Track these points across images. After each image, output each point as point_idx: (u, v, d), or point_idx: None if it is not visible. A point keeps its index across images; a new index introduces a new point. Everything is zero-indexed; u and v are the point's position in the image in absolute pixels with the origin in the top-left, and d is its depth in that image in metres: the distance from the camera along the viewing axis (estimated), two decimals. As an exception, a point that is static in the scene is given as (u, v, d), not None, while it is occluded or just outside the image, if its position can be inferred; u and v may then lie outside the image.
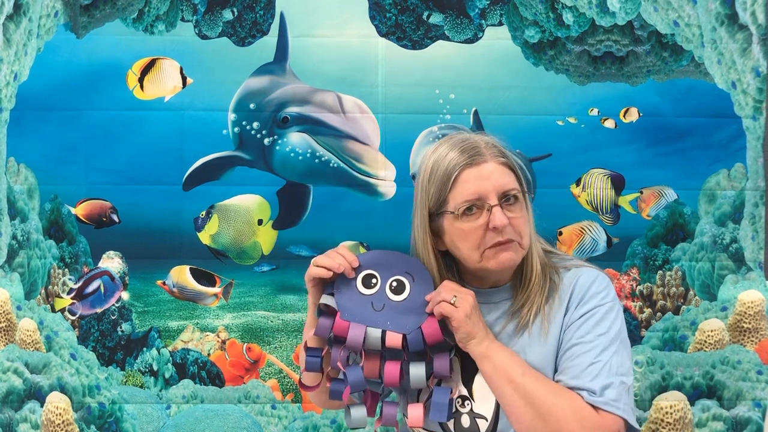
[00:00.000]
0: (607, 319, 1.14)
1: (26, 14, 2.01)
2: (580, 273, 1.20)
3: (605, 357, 1.11)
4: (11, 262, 2.03)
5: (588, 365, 1.10)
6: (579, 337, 1.13)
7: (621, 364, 1.12)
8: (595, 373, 1.10)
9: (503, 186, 1.15)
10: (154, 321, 2.06)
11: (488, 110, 2.04)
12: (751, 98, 2.00)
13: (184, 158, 2.04)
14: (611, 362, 1.11)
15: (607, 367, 1.10)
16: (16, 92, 2.03)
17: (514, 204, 1.16)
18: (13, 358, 2.02)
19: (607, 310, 1.15)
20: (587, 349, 1.12)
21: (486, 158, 1.15)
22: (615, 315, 1.16)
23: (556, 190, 2.04)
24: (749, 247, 2.02)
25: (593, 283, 1.18)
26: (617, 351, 1.12)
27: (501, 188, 1.15)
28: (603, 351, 1.11)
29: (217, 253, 2.06)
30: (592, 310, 1.15)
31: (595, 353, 1.11)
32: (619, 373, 1.10)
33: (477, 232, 1.15)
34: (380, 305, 1.15)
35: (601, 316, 1.14)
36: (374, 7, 2.05)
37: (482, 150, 1.16)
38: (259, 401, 2.04)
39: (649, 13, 2.03)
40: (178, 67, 2.03)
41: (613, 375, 1.09)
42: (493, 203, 1.14)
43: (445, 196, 1.16)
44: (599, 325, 1.13)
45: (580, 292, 1.17)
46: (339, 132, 2.03)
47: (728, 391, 2.00)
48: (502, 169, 1.16)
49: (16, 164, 2.04)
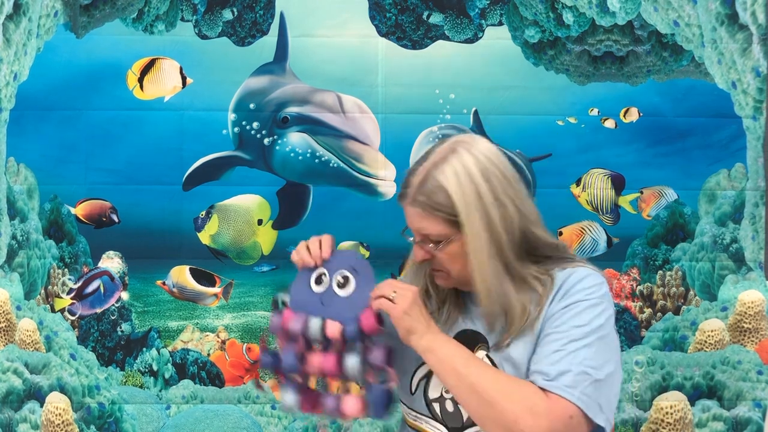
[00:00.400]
0: (587, 314, 1.11)
1: (26, 14, 2.01)
2: (572, 271, 1.18)
3: (573, 347, 1.08)
4: (11, 262, 2.03)
5: (552, 352, 1.08)
6: (555, 327, 1.11)
7: (592, 357, 1.07)
8: (556, 359, 1.07)
9: (418, 230, 1.16)
10: (153, 321, 2.06)
11: (488, 110, 2.04)
12: (751, 98, 2.00)
13: (184, 158, 2.04)
14: (579, 353, 1.07)
15: (571, 356, 1.07)
16: (15, 92, 2.03)
17: (437, 244, 1.15)
18: (13, 358, 2.02)
19: (590, 305, 1.12)
20: (557, 338, 1.09)
21: (406, 201, 1.16)
22: (599, 312, 1.12)
23: (556, 190, 2.04)
24: (749, 247, 2.02)
25: (582, 279, 1.16)
26: (590, 345, 1.08)
27: (417, 231, 1.17)
28: (572, 341, 1.08)
29: (217, 253, 2.06)
30: (574, 303, 1.12)
31: (563, 342, 1.08)
32: (586, 365, 1.06)
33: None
34: (328, 300, 1.19)
35: (581, 309, 1.12)
36: (374, 7, 2.05)
37: (406, 191, 1.16)
38: (259, 401, 2.04)
39: (649, 13, 2.03)
40: (177, 67, 2.03)
41: (576, 364, 1.06)
42: (415, 240, 1.17)
43: None
44: (578, 317, 1.11)
45: (567, 287, 1.15)
46: (339, 132, 2.03)
47: (728, 392, 2.00)
48: (418, 213, 1.15)
49: (16, 164, 2.04)
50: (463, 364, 1.09)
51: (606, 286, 1.18)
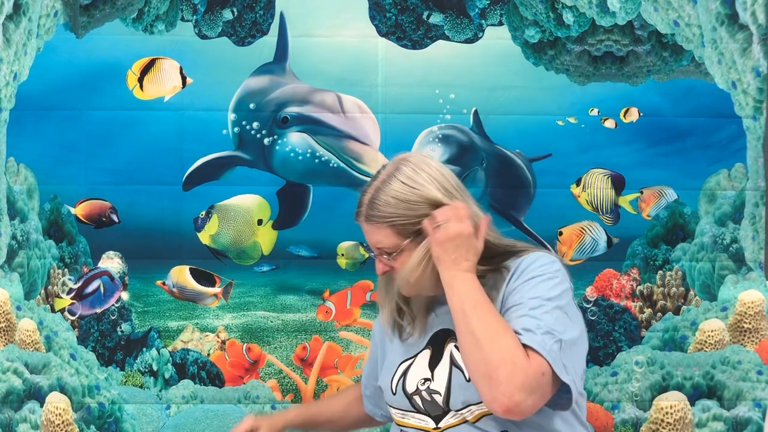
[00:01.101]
0: (542, 286, 1.16)
1: (26, 14, 2.01)
2: (525, 257, 1.23)
3: (534, 314, 1.12)
4: (11, 262, 2.03)
5: (516, 318, 1.13)
6: (514, 302, 1.16)
7: (553, 322, 1.11)
8: (522, 324, 1.11)
9: (375, 244, 1.26)
10: (153, 321, 2.06)
11: (488, 110, 2.04)
12: (751, 98, 2.00)
13: (184, 158, 2.04)
14: (542, 318, 1.11)
15: (534, 320, 1.11)
16: (15, 92, 2.03)
17: (392, 255, 1.24)
18: (13, 358, 2.02)
19: (544, 279, 1.17)
20: (519, 309, 1.14)
21: (360, 218, 1.27)
22: (553, 284, 1.16)
23: (556, 190, 2.04)
24: (749, 247, 2.02)
25: (535, 260, 1.21)
26: (550, 312, 1.12)
27: (374, 245, 1.26)
28: (532, 309, 1.13)
29: (217, 253, 2.06)
30: (529, 279, 1.17)
31: (524, 311, 1.13)
32: (549, 327, 1.11)
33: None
34: None
35: (536, 283, 1.17)
36: (374, 7, 2.05)
37: (359, 209, 1.27)
38: (259, 401, 2.04)
39: (649, 13, 2.03)
40: (177, 67, 2.03)
41: (540, 327, 1.10)
42: (375, 254, 1.28)
43: None
44: (534, 289, 1.15)
45: (522, 268, 1.20)
46: (339, 132, 2.03)
47: (728, 392, 2.00)
48: (371, 228, 1.25)
49: (16, 164, 2.04)
50: (471, 305, 1.14)
51: (559, 263, 1.22)
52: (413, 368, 1.28)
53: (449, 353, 1.24)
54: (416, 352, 1.29)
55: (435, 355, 1.27)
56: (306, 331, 2.06)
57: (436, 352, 1.27)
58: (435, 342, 1.28)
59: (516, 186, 2.05)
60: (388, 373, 1.33)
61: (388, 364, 1.36)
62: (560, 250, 2.04)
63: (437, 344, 1.28)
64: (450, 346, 1.25)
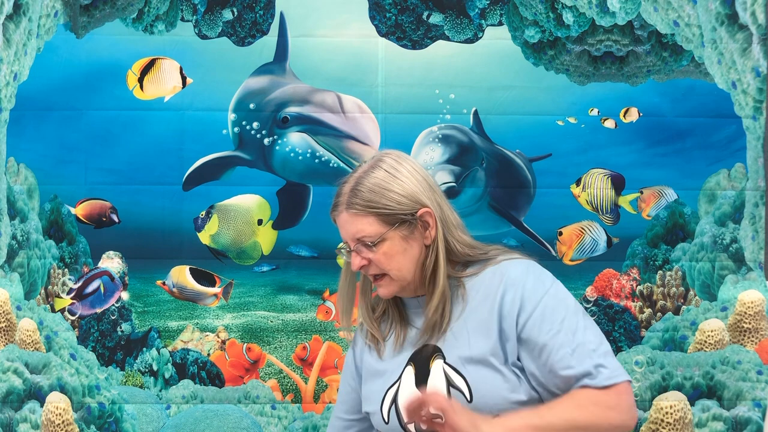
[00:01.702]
0: (558, 304, 1.17)
1: (26, 14, 2.01)
2: (503, 269, 1.22)
3: (576, 340, 1.14)
4: (11, 262, 2.03)
5: (570, 355, 1.13)
6: (544, 335, 1.15)
7: (591, 334, 1.15)
8: (579, 359, 1.13)
9: (354, 234, 1.22)
10: (153, 321, 2.06)
11: (488, 110, 2.04)
12: (751, 98, 2.00)
13: (184, 158, 2.04)
14: (584, 340, 1.14)
15: (583, 346, 1.13)
16: (16, 92, 2.03)
17: (373, 246, 1.21)
18: (13, 358, 2.02)
19: (552, 295, 1.18)
20: (557, 341, 1.14)
21: (340, 209, 1.24)
22: (562, 295, 1.18)
23: (556, 190, 2.04)
24: (749, 247, 2.02)
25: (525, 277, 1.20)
26: (583, 326, 1.15)
27: (353, 236, 1.23)
28: (571, 334, 1.14)
29: (217, 253, 2.06)
30: (539, 305, 1.17)
31: (567, 340, 1.14)
32: (595, 345, 1.14)
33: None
34: None
35: (551, 305, 1.17)
36: (374, 7, 2.05)
37: (339, 200, 1.25)
38: (259, 401, 2.04)
39: (649, 13, 2.03)
40: (178, 67, 2.03)
41: (591, 352, 1.13)
42: (351, 248, 1.24)
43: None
44: (554, 313, 1.16)
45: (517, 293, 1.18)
46: (339, 132, 2.03)
47: (728, 391, 2.00)
48: (352, 218, 1.22)
49: (16, 164, 2.04)
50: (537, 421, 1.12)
51: (535, 264, 1.23)
52: (402, 392, 1.23)
53: (442, 373, 1.20)
54: (399, 372, 1.25)
55: (420, 374, 1.23)
56: (306, 331, 2.06)
57: (421, 370, 1.23)
58: (417, 359, 1.24)
59: (516, 186, 2.05)
60: (374, 400, 1.28)
61: (371, 390, 1.30)
62: (560, 250, 2.04)
63: (420, 361, 1.24)
64: (437, 363, 1.22)
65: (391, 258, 1.22)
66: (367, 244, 1.22)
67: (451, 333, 1.22)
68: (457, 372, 1.19)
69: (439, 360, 1.22)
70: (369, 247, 1.22)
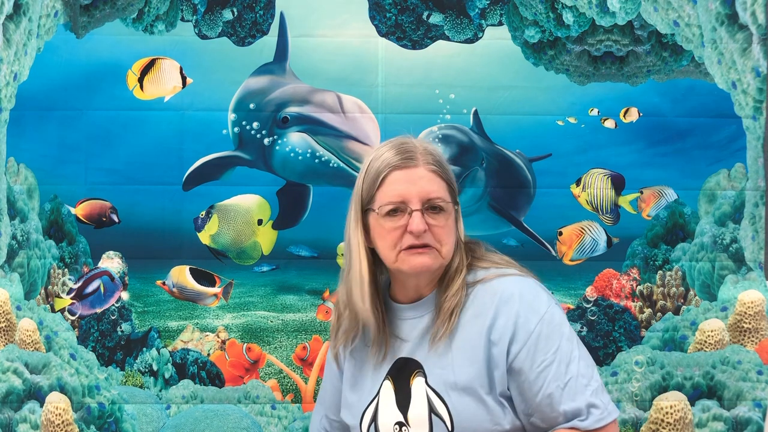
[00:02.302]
0: (552, 332, 1.12)
1: (26, 14, 2.01)
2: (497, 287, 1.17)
3: (573, 370, 1.11)
4: (11, 262, 2.03)
5: (562, 389, 1.10)
6: (537, 367, 1.11)
7: (586, 366, 1.12)
8: (572, 394, 1.10)
9: (428, 193, 1.16)
10: (153, 321, 2.06)
11: (488, 110, 2.04)
12: (751, 98, 2.00)
13: (184, 158, 2.04)
14: (579, 372, 1.11)
15: (576, 380, 1.10)
16: (16, 92, 2.03)
17: (439, 213, 1.16)
18: (13, 358, 2.02)
19: (546, 321, 1.13)
20: (550, 374, 1.11)
21: (417, 163, 1.17)
22: (558, 320, 1.14)
23: (556, 190, 2.04)
24: (749, 247, 2.02)
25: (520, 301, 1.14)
26: (579, 356, 1.12)
27: (426, 195, 1.16)
28: (567, 365, 1.11)
29: (217, 253, 2.06)
30: (532, 334, 1.12)
31: (560, 372, 1.10)
32: (587, 379, 1.11)
33: (395, 232, 1.16)
34: None
35: (545, 333, 1.12)
36: (374, 7, 2.05)
37: (416, 155, 1.18)
38: (259, 401, 2.04)
39: (649, 13, 2.03)
40: (178, 67, 2.03)
41: (583, 388, 1.10)
42: (415, 208, 1.15)
43: (374, 194, 1.19)
44: (548, 342, 1.12)
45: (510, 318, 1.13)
46: (339, 132, 2.03)
47: (728, 392, 2.00)
48: (431, 176, 1.17)
49: (16, 164, 2.04)
50: None
51: (532, 283, 1.18)
52: (382, 408, 1.20)
53: (424, 396, 1.16)
54: (378, 387, 1.21)
55: (400, 391, 1.19)
56: (306, 331, 2.06)
57: (401, 387, 1.19)
58: (396, 373, 1.20)
59: (516, 186, 2.05)
60: (353, 414, 1.25)
61: (350, 401, 1.27)
62: (560, 250, 2.04)
63: (400, 377, 1.19)
64: (418, 382, 1.17)
65: (448, 233, 1.17)
66: (436, 207, 1.16)
67: (435, 349, 1.17)
68: (439, 397, 1.15)
69: (420, 378, 1.17)
70: (436, 211, 1.16)
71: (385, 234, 1.17)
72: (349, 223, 1.24)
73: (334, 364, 1.33)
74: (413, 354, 1.19)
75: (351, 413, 1.26)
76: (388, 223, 1.16)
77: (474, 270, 1.21)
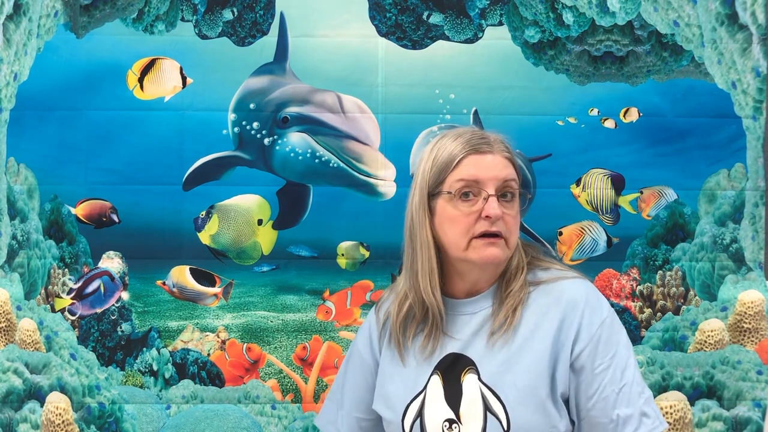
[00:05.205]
0: (611, 336, 1.14)
1: (26, 14, 2.01)
2: (562, 289, 1.17)
3: (628, 377, 1.12)
4: (11, 262, 2.03)
5: (616, 394, 1.11)
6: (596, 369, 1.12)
7: (640, 374, 1.14)
8: (626, 400, 1.11)
9: (504, 177, 1.15)
10: (154, 321, 2.06)
11: (488, 110, 2.04)
12: (751, 98, 2.00)
13: (184, 158, 2.04)
14: (634, 379, 1.12)
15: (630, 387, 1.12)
16: (16, 92, 2.03)
17: (511, 201, 1.16)
18: (13, 358, 2.02)
19: (607, 325, 1.14)
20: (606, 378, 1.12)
21: (493, 149, 1.16)
22: (617, 327, 1.15)
23: (556, 190, 2.04)
24: (749, 247, 2.02)
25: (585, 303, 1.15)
26: (634, 364, 1.14)
27: (502, 179, 1.15)
28: (623, 372, 1.12)
29: (217, 253, 2.06)
30: (594, 335, 1.13)
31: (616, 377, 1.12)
32: (642, 385, 1.13)
33: (469, 218, 1.14)
34: None
35: (605, 336, 1.13)
36: (374, 7, 2.05)
37: (491, 141, 1.18)
38: (259, 401, 2.04)
39: (649, 13, 2.03)
40: (178, 67, 2.03)
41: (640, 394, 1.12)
42: (491, 192, 1.13)
43: (444, 177, 1.16)
44: (607, 346, 1.13)
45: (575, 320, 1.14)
46: (339, 132, 2.03)
47: (728, 391, 2.00)
48: (506, 162, 1.17)
49: (16, 164, 2.04)
50: None
51: (593, 288, 1.19)
52: (429, 404, 1.15)
53: (478, 393, 1.13)
54: (425, 382, 1.17)
55: (451, 389, 1.15)
56: (306, 331, 2.06)
57: (451, 383, 1.15)
58: (444, 368, 1.17)
59: (516, 186, 2.05)
60: (394, 408, 1.20)
61: (390, 394, 1.22)
62: (560, 250, 2.04)
63: (449, 373, 1.16)
64: (470, 379, 1.14)
65: (516, 224, 1.16)
66: (508, 194, 1.16)
67: (492, 346, 1.14)
68: (495, 395, 1.12)
69: (473, 375, 1.14)
70: (507, 199, 1.16)
71: (457, 219, 1.14)
72: (411, 212, 1.20)
73: (368, 358, 1.28)
74: (465, 350, 1.16)
75: (388, 406, 1.21)
76: (463, 207, 1.14)
77: (533, 270, 1.20)
